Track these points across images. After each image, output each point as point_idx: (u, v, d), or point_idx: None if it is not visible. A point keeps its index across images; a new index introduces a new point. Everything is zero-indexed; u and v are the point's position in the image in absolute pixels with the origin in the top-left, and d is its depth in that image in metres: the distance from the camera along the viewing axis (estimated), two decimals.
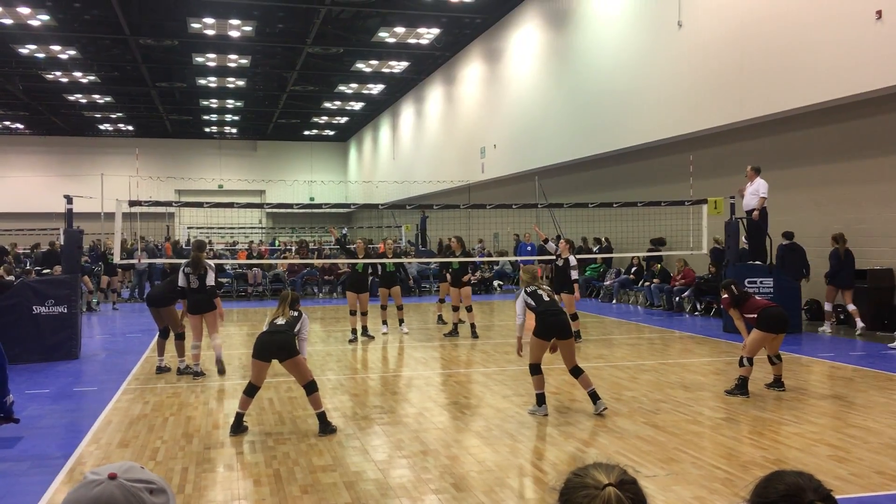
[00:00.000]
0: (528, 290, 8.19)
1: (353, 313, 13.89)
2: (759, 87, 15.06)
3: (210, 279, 10.29)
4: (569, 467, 1.66)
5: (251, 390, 7.49)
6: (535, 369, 7.97)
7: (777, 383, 9.05)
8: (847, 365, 10.67)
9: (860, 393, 8.82)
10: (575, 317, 12.93)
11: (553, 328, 7.88)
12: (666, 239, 18.88)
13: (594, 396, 7.92)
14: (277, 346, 7.36)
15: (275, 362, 7.57)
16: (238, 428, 7.36)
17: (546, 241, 14.27)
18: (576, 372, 8.00)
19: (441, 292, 16.32)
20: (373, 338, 13.87)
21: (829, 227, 14.96)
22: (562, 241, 13.72)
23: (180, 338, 10.78)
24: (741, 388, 8.67)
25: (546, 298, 8.06)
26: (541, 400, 7.96)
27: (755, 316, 8.85)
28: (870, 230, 14.12)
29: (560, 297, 12.59)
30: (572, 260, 13.00)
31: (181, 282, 10.37)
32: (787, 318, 9.04)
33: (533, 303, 8.06)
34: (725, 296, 9.27)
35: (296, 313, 7.65)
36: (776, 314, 8.84)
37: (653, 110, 18.47)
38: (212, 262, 10.67)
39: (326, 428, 7.31)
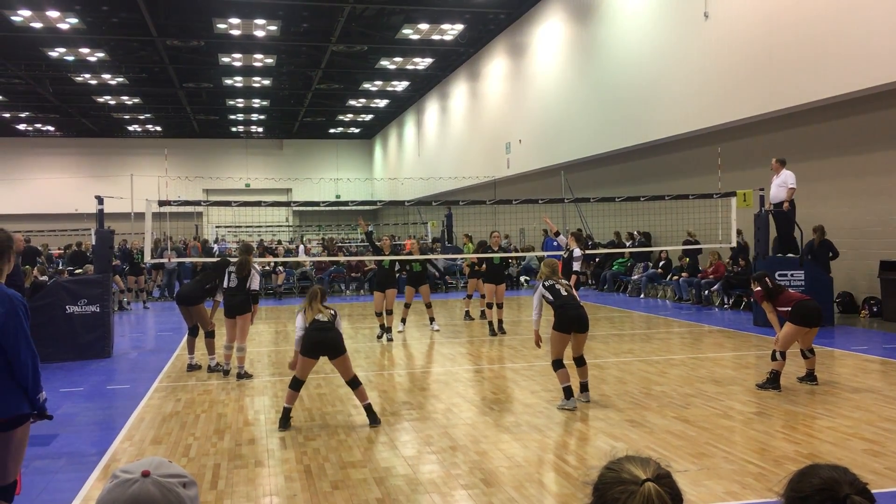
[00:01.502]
0: (546, 284, 8.35)
1: (378, 314, 13.74)
2: (789, 78, 14.86)
3: (255, 283, 10.19)
4: (598, 462, 1.64)
5: (296, 384, 7.54)
6: (559, 364, 8.04)
7: (810, 377, 8.91)
8: (881, 358, 10.51)
9: (894, 386, 8.69)
10: None
11: (572, 322, 8.05)
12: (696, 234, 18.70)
13: (584, 386, 8.30)
14: (328, 345, 7.44)
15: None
16: (286, 422, 7.44)
17: (557, 234, 14.16)
18: (580, 361, 8.28)
19: (469, 288, 16.26)
20: (392, 340, 13.40)
21: (860, 219, 14.76)
22: (569, 233, 13.67)
23: (210, 336, 10.82)
24: (773, 381, 8.55)
25: (564, 293, 8.22)
26: (568, 393, 7.99)
27: (789, 309, 8.70)
28: None
29: None
30: (577, 252, 12.88)
31: (226, 282, 10.35)
32: (822, 312, 8.95)
33: (551, 297, 8.22)
34: (758, 288, 9.06)
35: (332, 310, 7.66)
36: (811, 307, 8.69)
37: (680, 102, 18.31)
38: (258, 267, 10.60)
39: (375, 419, 7.47)
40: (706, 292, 17.70)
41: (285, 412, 7.52)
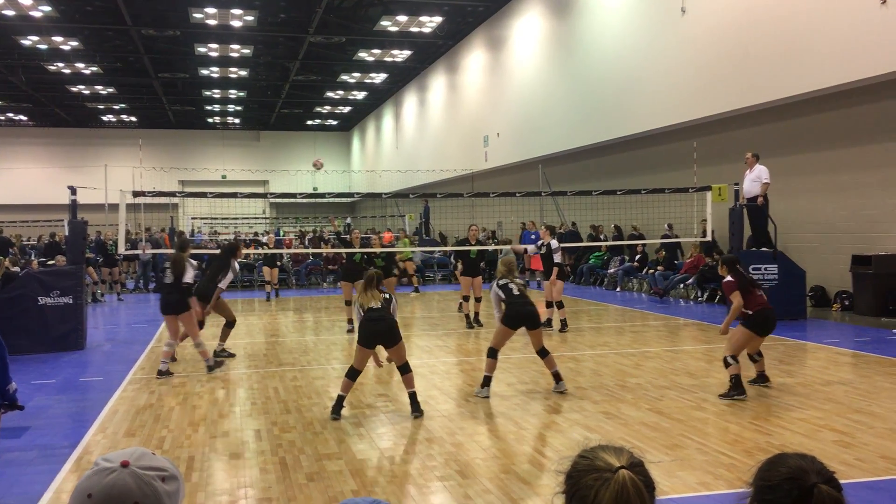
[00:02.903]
0: (500, 283, 8.48)
1: (348, 303, 13.53)
2: (764, 73, 14.99)
3: (188, 276, 9.67)
4: (573, 453, 1.65)
5: (353, 374, 7.51)
6: (492, 353, 8.28)
7: (761, 378, 8.45)
8: (852, 350, 10.66)
9: (865, 378, 8.81)
10: (560, 305, 12.98)
11: (521, 318, 8.23)
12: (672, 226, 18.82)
13: (557, 376, 8.36)
14: (384, 335, 7.39)
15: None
16: (338, 410, 7.41)
17: (525, 251, 14.21)
18: (542, 353, 8.37)
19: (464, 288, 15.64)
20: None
21: (833, 214, 14.94)
22: (542, 227, 13.65)
23: (230, 326, 11.06)
24: (736, 387, 7.93)
25: (516, 292, 8.37)
26: (486, 382, 8.25)
27: (749, 312, 8.04)
28: (875, 216, 14.08)
29: (544, 285, 12.74)
30: (554, 244, 12.93)
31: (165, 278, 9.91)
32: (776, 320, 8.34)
33: (503, 295, 8.38)
34: (730, 278, 8.17)
35: (386, 295, 7.57)
36: (773, 317, 8.16)
37: (656, 97, 18.41)
38: (193, 261, 10.10)
39: (417, 408, 7.43)
40: (682, 286, 17.84)
41: (339, 399, 7.47)
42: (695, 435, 6.58)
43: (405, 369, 7.57)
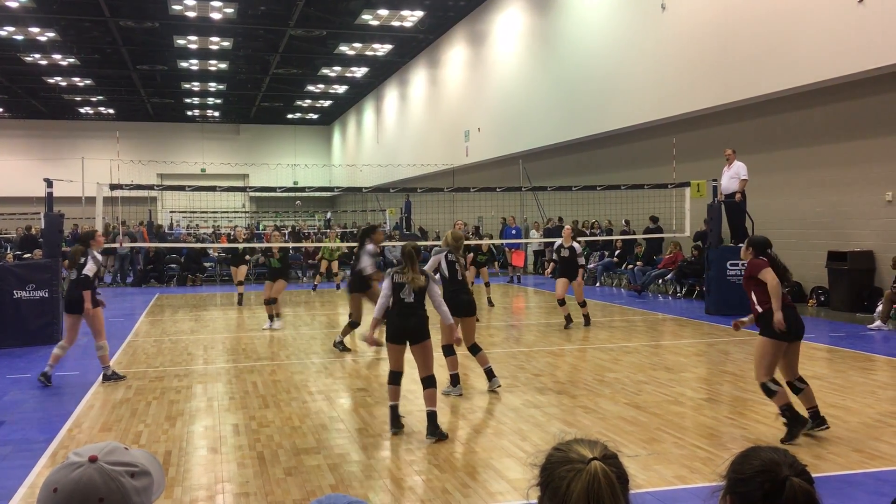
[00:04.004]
0: (449, 257, 8.29)
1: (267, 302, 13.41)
2: (742, 71, 15.10)
3: (87, 268, 8.80)
4: (539, 450, 1.67)
5: (395, 378, 6.76)
6: (449, 350, 8.01)
7: (816, 419, 6.29)
8: (827, 346, 10.78)
9: (839, 373, 8.92)
10: (583, 303, 13.00)
11: (460, 306, 8.14)
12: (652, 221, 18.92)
13: (490, 373, 8.22)
14: (411, 332, 6.68)
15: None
16: (396, 422, 6.66)
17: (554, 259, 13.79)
18: (473, 350, 8.28)
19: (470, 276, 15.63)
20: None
21: (809, 210, 15.09)
22: (566, 227, 13.46)
23: (353, 326, 10.75)
24: (794, 422, 6.11)
25: (459, 277, 8.25)
26: (455, 380, 8.11)
27: (762, 312, 6.32)
28: (850, 212, 14.24)
29: (570, 285, 12.64)
30: (577, 247, 12.76)
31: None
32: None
33: (447, 273, 8.24)
34: (763, 258, 6.36)
35: (422, 277, 6.70)
36: (795, 316, 6.36)
37: (636, 93, 18.49)
38: (97, 254, 9.04)
39: (434, 431, 6.45)
40: (660, 281, 17.95)
41: (393, 410, 6.72)
42: (672, 429, 6.63)
43: (428, 383, 6.74)
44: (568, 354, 10.46)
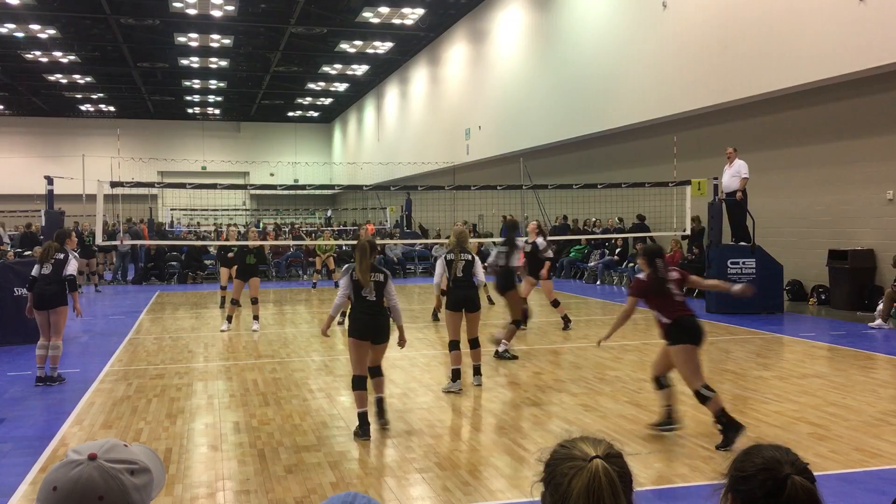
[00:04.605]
0: (447, 256, 8.38)
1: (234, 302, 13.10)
2: (743, 69, 15.08)
3: (71, 268, 8.77)
4: (545, 446, 1.68)
5: (361, 382, 6.57)
6: (453, 346, 8.19)
7: (668, 418, 6.50)
8: (828, 344, 10.78)
9: (840, 372, 8.91)
10: (556, 303, 12.66)
11: (461, 301, 8.23)
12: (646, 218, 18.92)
13: (477, 370, 8.39)
14: (376, 332, 6.59)
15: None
16: (365, 430, 6.45)
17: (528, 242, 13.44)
18: (473, 344, 8.37)
19: None
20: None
21: (810, 209, 15.08)
22: (531, 222, 12.96)
23: (518, 325, 10.02)
24: (729, 428, 6.04)
25: (459, 274, 8.22)
26: (456, 375, 8.15)
27: (668, 321, 6.37)
28: (851, 211, 14.24)
29: (535, 284, 12.36)
30: (540, 242, 12.25)
31: (34, 271, 8.88)
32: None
33: (448, 274, 8.30)
34: (642, 277, 6.62)
35: (381, 276, 6.61)
36: (697, 324, 6.50)
37: (637, 92, 18.47)
38: (73, 252, 9.15)
39: (382, 415, 6.71)
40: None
41: (361, 417, 6.51)
42: None
43: (376, 372, 6.79)
44: (568, 352, 10.46)
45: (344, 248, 22.17)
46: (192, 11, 26.48)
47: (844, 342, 10.84)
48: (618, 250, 20.34)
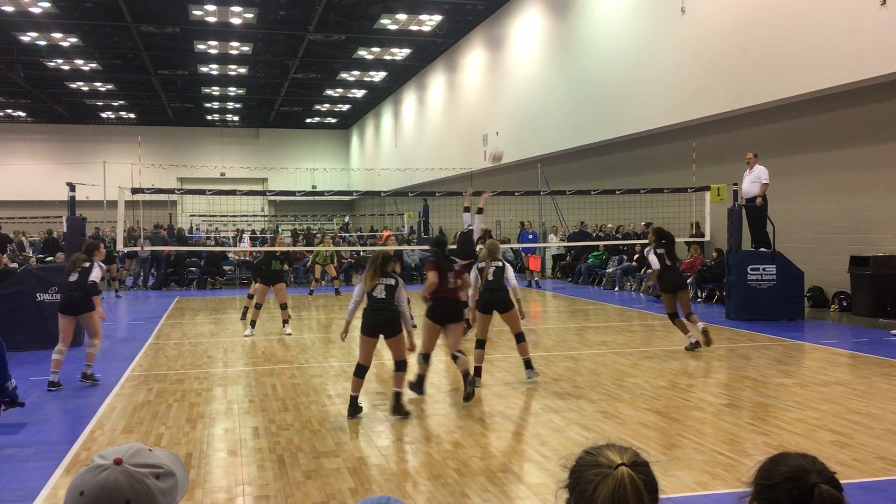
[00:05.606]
0: (479, 265, 9.06)
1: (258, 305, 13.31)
2: (763, 74, 14.99)
3: (94, 274, 9.13)
4: (570, 452, 1.68)
5: (360, 371, 7.37)
6: (479, 344, 8.79)
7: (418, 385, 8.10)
8: (849, 351, 10.67)
9: (862, 379, 8.82)
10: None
11: (489, 303, 8.78)
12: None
13: (478, 371, 8.76)
14: (384, 325, 7.31)
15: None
16: (354, 411, 7.31)
17: (480, 210, 13.15)
18: (518, 338, 8.93)
19: None
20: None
21: (831, 214, 14.95)
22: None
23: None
24: (418, 384, 8.07)
25: (490, 277, 8.81)
26: (476, 372, 8.63)
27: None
28: (873, 217, 14.10)
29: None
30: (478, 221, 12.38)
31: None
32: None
33: (480, 279, 8.92)
34: (432, 259, 8.25)
35: (392, 280, 7.41)
36: (448, 304, 8.08)
37: (655, 97, 18.41)
38: (100, 261, 9.48)
39: (400, 410, 7.32)
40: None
41: (352, 400, 7.34)
42: (692, 434, 6.58)
43: (400, 366, 7.46)
44: (587, 359, 10.42)
45: (347, 255, 22.16)
46: (211, 19, 26.69)
47: (866, 349, 10.73)
48: (636, 256, 20.25)
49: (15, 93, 39.37)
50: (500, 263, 8.93)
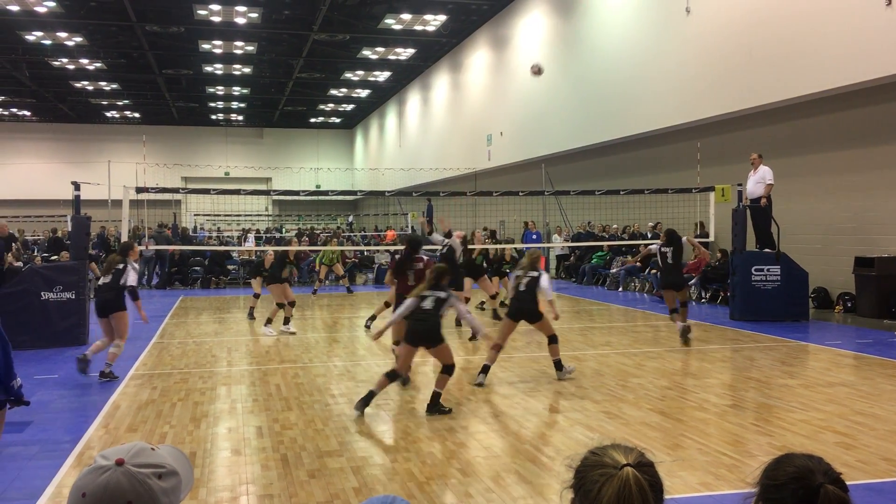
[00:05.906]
0: (517, 273, 9.34)
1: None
2: (768, 74, 14.97)
3: (130, 278, 9.40)
4: (574, 453, 1.68)
5: (392, 375, 7.60)
6: (497, 347, 8.95)
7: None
8: (854, 352, 10.65)
9: (867, 380, 8.80)
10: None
11: (518, 313, 9.00)
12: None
13: (557, 365, 9.04)
14: (424, 335, 7.54)
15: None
16: (365, 404, 7.42)
17: (431, 233, 13.95)
18: (550, 340, 9.06)
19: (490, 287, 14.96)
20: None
21: (836, 215, 14.92)
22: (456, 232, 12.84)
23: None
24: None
25: (522, 288, 8.99)
26: (485, 370, 8.83)
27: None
28: (878, 218, 14.06)
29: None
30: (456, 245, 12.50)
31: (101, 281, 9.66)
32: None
33: (513, 289, 9.17)
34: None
35: (442, 294, 7.63)
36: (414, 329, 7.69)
37: (660, 97, 18.39)
38: (135, 263, 9.79)
39: (435, 408, 7.44)
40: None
41: (369, 395, 7.48)
42: (696, 435, 6.58)
43: (448, 371, 7.59)
44: (591, 359, 10.41)
45: (351, 255, 22.13)
46: (216, 19, 26.73)
47: (871, 350, 10.71)
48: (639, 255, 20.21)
49: (20, 92, 39.47)
50: (536, 273, 9.03)
